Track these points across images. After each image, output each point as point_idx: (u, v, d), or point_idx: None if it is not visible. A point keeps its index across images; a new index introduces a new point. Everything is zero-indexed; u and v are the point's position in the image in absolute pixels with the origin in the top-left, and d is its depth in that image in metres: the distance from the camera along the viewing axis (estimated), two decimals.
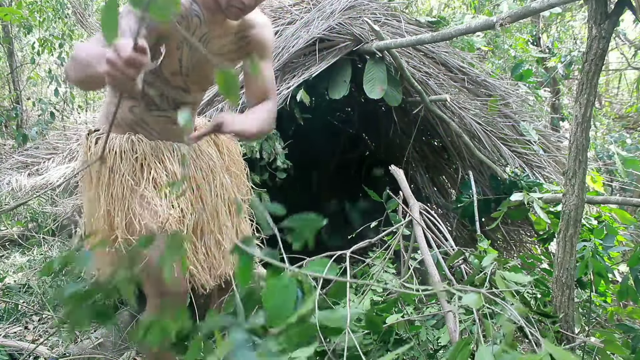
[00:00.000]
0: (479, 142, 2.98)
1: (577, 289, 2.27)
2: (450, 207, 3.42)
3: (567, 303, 1.81)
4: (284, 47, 2.63)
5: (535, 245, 3.27)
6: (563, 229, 1.79)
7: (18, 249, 3.55)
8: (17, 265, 3.23)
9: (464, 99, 3.05)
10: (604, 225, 2.38)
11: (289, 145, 2.77)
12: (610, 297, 2.45)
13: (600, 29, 1.62)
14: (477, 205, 2.89)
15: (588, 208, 2.75)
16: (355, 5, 2.90)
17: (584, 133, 1.70)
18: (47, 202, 3.81)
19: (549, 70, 5.26)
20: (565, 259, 1.79)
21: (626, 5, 1.63)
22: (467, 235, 3.47)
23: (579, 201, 1.75)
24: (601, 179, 2.78)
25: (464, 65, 3.13)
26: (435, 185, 3.66)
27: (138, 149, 1.52)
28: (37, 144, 3.76)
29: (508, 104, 3.11)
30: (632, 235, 2.87)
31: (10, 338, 2.34)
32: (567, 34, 6.49)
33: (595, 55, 1.64)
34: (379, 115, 3.68)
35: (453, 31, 2.46)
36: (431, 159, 3.59)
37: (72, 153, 3.15)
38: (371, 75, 2.67)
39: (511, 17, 2.03)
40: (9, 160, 3.35)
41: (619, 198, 2.73)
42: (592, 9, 1.63)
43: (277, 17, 3.02)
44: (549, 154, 3.15)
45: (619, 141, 4.76)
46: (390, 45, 2.58)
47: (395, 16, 3.06)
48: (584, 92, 1.67)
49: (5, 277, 2.96)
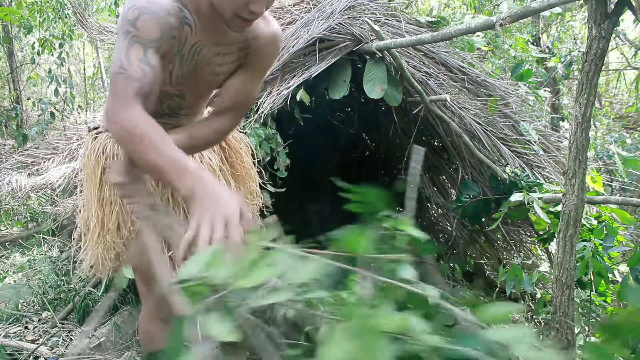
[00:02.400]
0: (479, 142, 2.98)
1: (577, 289, 2.27)
2: (450, 207, 3.42)
3: (567, 303, 1.81)
4: (284, 47, 2.63)
5: (535, 245, 3.27)
6: (563, 229, 1.79)
7: (18, 249, 3.55)
8: (17, 265, 3.23)
9: (464, 99, 3.05)
10: (604, 225, 2.38)
11: (288, 145, 2.77)
12: (610, 297, 2.45)
13: (600, 29, 1.62)
14: (477, 205, 2.90)
15: (588, 208, 2.75)
16: (355, 5, 2.90)
17: (584, 133, 1.71)
18: (47, 202, 3.81)
19: (549, 70, 5.26)
20: (565, 259, 1.79)
21: (626, 5, 1.63)
22: (467, 235, 3.47)
23: (579, 201, 1.75)
24: (601, 179, 2.78)
25: (464, 65, 3.13)
26: (435, 185, 3.66)
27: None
28: (37, 144, 3.76)
29: (508, 104, 3.11)
30: (632, 235, 2.87)
31: (10, 338, 2.34)
32: (567, 34, 6.49)
33: (595, 55, 1.64)
34: (379, 115, 3.68)
35: (453, 31, 2.46)
36: (431, 159, 3.60)
37: (72, 153, 3.15)
38: (371, 75, 2.67)
39: (511, 17, 2.03)
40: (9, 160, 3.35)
41: (619, 198, 2.73)
42: (592, 9, 1.63)
43: (277, 17, 3.02)
44: (549, 154, 3.15)
45: (619, 141, 4.76)
46: (390, 45, 2.58)
47: (395, 16, 3.06)
48: (584, 92, 1.67)
49: (5, 277, 2.96)
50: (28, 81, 6.67)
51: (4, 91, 7.17)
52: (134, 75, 1.15)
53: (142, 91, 1.16)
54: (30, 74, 6.57)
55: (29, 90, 7.58)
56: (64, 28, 5.99)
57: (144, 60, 1.17)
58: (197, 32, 1.29)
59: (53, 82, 5.69)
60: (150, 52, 1.18)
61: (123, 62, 1.17)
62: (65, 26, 5.98)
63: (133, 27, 1.17)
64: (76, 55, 8.24)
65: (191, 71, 1.36)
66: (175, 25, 1.23)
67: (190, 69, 1.35)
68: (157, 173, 1.09)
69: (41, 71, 7.19)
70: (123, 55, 1.17)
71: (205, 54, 1.34)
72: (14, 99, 6.34)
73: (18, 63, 6.53)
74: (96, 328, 2.40)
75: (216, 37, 1.32)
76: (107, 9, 6.83)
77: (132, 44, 1.17)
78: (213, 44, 1.33)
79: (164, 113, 1.47)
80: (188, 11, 1.26)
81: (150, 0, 1.18)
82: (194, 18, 1.27)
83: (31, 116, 6.84)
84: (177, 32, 1.25)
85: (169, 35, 1.22)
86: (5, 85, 7.02)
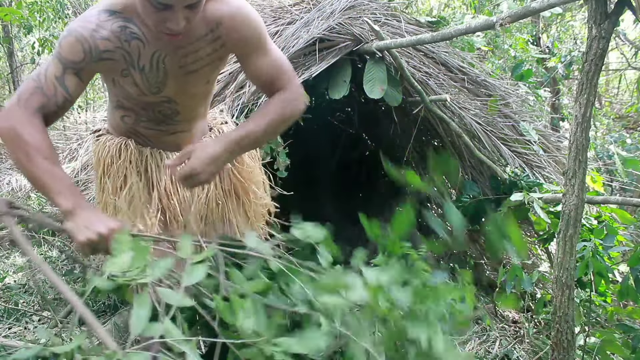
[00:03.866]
0: (479, 142, 2.98)
1: (577, 289, 2.27)
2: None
3: (567, 303, 1.81)
4: (284, 47, 2.63)
5: (535, 245, 3.27)
6: (563, 229, 1.79)
7: (18, 249, 3.55)
8: (17, 265, 3.23)
9: (464, 99, 3.05)
10: (604, 225, 2.38)
11: (288, 146, 2.77)
12: (610, 297, 2.45)
13: (600, 29, 1.62)
14: (477, 205, 2.89)
15: (588, 208, 2.75)
16: (355, 5, 2.90)
17: (584, 133, 1.71)
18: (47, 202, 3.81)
19: (549, 70, 5.25)
20: (565, 259, 1.79)
21: (626, 5, 1.63)
22: (467, 235, 3.47)
23: (579, 201, 1.75)
24: (601, 179, 2.78)
25: (464, 65, 3.13)
26: (435, 185, 3.66)
27: (123, 156, 1.48)
28: None
29: (508, 104, 3.11)
30: (632, 235, 2.87)
31: (10, 338, 2.34)
32: (567, 34, 6.48)
33: (595, 55, 1.64)
34: (379, 115, 3.68)
35: (453, 31, 2.46)
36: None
37: (72, 153, 3.16)
38: (371, 75, 2.67)
39: (511, 17, 2.03)
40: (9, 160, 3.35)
41: (619, 198, 2.73)
42: (592, 9, 1.63)
43: (277, 17, 3.02)
44: (549, 154, 3.15)
45: (619, 141, 4.75)
46: (390, 45, 2.58)
47: (395, 16, 3.06)
48: (584, 92, 1.68)
49: (5, 277, 2.96)
50: None
51: (4, 91, 7.17)
52: (45, 90, 1.20)
53: (46, 109, 1.20)
54: (30, 73, 6.57)
55: None
56: (64, 28, 5.98)
57: (60, 79, 1.20)
58: (151, 42, 1.25)
59: None
60: (69, 73, 1.21)
61: (41, 74, 1.21)
62: (65, 26, 5.98)
63: (59, 45, 1.21)
64: None
65: (164, 78, 1.32)
66: (110, 49, 1.22)
67: (162, 76, 1.31)
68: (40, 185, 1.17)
69: None
70: (44, 68, 1.22)
71: (171, 59, 1.30)
72: None
73: (18, 63, 6.53)
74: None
75: (176, 42, 1.26)
76: None
77: (54, 60, 1.22)
78: (175, 48, 1.29)
79: (159, 120, 1.45)
80: (135, 25, 1.22)
81: (84, 24, 1.21)
82: (142, 31, 1.23)
83: None
84: (120, 52, 1.23)
85: (98, 58, 1.22)
86: (5, 85, 7.02)
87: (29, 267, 1.24)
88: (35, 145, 1.15)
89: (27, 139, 1.15)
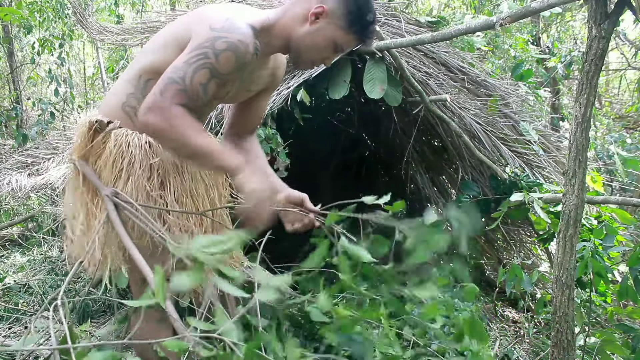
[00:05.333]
0: (479, 142, 2.98)
1: (577, 289, 2.27)
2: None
3: (567, 303, 1.81)
4: None
5: (535, 245, 3.27)
6: (563, 229, 1.79)
7: (18, 249, 3.55)
8: (17, 265, 3.23)
9: (464, 99, 3.05)
10: (604, 225, 2.38)
11: (288, 146, 2.77)
12: (610, 297, 2.45)
13: (600, 29, 1.62)
14: (477, 205, 2.89)
15: (588, 208, 2.75)
16: None
17: (584, 133, 1.71)
18: (47, 202, 3.81)
19: (549, 70, 5.25)
20: (565, 259, 1.79)
21: (626, 5, 1.63)
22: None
23: (579, 201, 1.75)
24: (601, 179, 2.78)
25: (464, 65, 3.13)
26: (435, 185, 3.66)
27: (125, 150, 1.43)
28: (37, 144, 3.76)
29: (508, 104, 3.11)
30: (632, 235, 2.87)
31: (10, 338, 2.34)
32: (567, 34, 6.49)
33: (595, 55, 1.64)
34: (379, 115, 3.68)
35: (453, 31, 2.46)
36: (431, 159, 3.59)
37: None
38: (371, 75, 2.67)
39: (511, 17, 2.03)
40: (9, 160, 3.34)
41: (619, 198, 2.73)
42: (592, 9, 1.63)
43: None
44: (549, 154, 3.15)
45: (619, 141, 4.76)
46: (390, 45, 2.58)
47: (395, 16, 3.06)
48: (584, 92, 1.67)
49: (5, 277, 2.96)
50: (28, 81, 6.66)
51: (4, 91, 7.17)
52: (189, 93, 1.25)
53: (187, 107, 1.26)
54: (30, 74, 6.56)
55: (29, 90, 7.57)
56: (64, 28, 5.98)
57: (205, 86, 1.26)
58: (258, 57, 1.37)
59: (53, 82, 5.69)
60: (213, 82, 1.27)
61: (186, 77, 1.23)
62: (65, 26, 5.97)
63: (215, 57, 1.24)
64: (76, 55, 8.23)
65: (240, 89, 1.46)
66: (249, 63, 1.32)
67: (243, 87, 1.46)
68: (202, 154, 1.27)
69: (41, 71, 7.18)
70: (190, 70, 1.24)
71: (253, 75, 1.45)
72: (14, 99, 6.33)
73: (18, 63, 6.53)
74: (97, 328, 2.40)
75: (264, 62, 1.45)
76: (107, 9, 6.83)
77: (204, 68, 1.24)
78: (260, 68, 1.45)
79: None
80: (259, 42, 1.33)
81: (242, 38, 1.26)
82: (262, 47, 1.35)
83: (31, 116, 6.84)
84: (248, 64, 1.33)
85: (239, 70, 1.31)
86: (5, 85, 7.02)
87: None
88: (196, 126, 1.26)
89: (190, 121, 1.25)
